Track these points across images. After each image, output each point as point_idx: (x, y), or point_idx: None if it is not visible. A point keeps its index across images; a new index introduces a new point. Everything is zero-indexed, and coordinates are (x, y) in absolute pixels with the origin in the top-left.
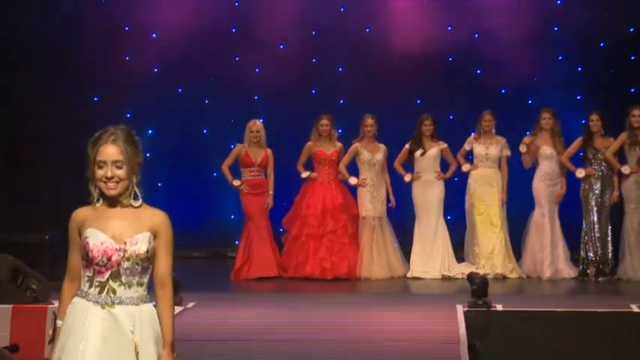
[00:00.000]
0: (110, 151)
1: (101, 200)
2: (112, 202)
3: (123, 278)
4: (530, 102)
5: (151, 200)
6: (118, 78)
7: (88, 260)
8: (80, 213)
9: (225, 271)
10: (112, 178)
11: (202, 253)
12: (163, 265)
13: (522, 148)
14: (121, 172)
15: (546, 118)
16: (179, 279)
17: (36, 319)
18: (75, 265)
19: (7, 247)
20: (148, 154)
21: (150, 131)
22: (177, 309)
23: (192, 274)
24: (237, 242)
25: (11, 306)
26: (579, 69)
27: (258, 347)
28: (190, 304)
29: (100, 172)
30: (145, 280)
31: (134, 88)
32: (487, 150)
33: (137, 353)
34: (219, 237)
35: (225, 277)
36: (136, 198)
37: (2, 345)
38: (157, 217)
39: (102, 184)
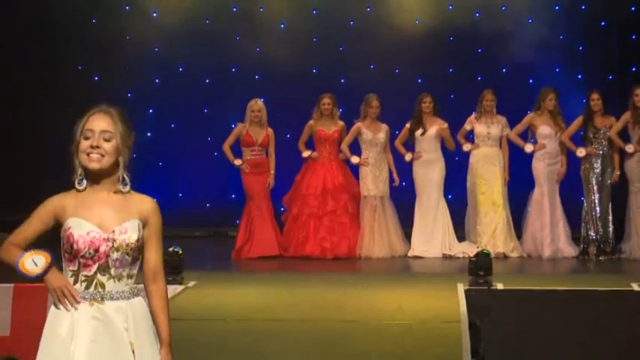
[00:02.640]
0: (100, 119)
1: (84, 182)
2: (97, 184)
3: (112, 271)
4: (531, 81)
5: (152, 180)
6: (119, 58)
7: (73, 253)
8: (58, 200)
9: (226, 250)
10: (97, 147)
11: (203, 233)
12: (154, 257)
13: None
14: (108, 146)
15: (553, 100)
16: (182, 256)
17: (37, 298)
18: (26, 237)
19: (7, 226)
20: (149, 134)
21: (150, 111)
22: (179, 287)
23: (193, 254)
24: (238, 222)
25: (12, 285)
26: (580, 48)
27: (259, 326)
28: (191, 283)
29: (85, 143)
30: (135, 271)
31: (135, 68)
32: (488, 129)
33: (133, 352)
34: (220, 216)
35: (226, 257)
36: (124, 183)
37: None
38: (145, 204)
39: (84, 157)
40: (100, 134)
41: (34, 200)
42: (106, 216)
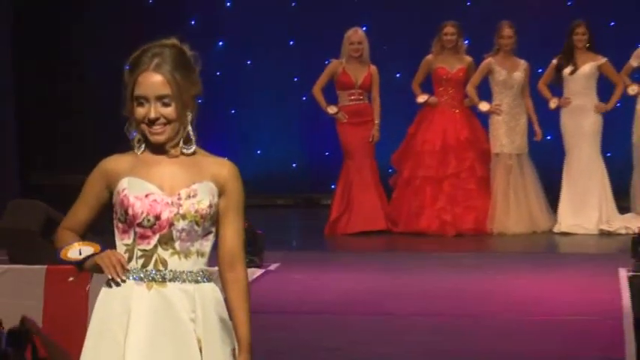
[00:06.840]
0: (153, 81)
1: (143, 146)
2: (157, 149)
3: (177, 244)
4: None
5: (222, 133)
6: None
7: (128, 221)
8: (113, 163)
9: (318, 223)
10: (157, 119)
11: (289, 201)
12: (231, 235)
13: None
14: (168, 111)
15: None
16: (262, 232)
17: (75, 284)
18: (80, 220)
19: (41, 190)
20: (217, 74)
21: (220, 43)
22: (258, 271)
23: (275, 228)
24: (333, 187)
25: (45, 267)
26: None
27: (359, 321)
28: (273, 266)
29: (140, 111)
30: (207, 248)
31: None
32: None
33: (200, 350)
34: (309, 180)
35: (318, 232)
36: (187, 143)
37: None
38: (223, 169)
39: (144, 127)
40: (156, 101)
41: (70, 159)
42: (171, 176)
